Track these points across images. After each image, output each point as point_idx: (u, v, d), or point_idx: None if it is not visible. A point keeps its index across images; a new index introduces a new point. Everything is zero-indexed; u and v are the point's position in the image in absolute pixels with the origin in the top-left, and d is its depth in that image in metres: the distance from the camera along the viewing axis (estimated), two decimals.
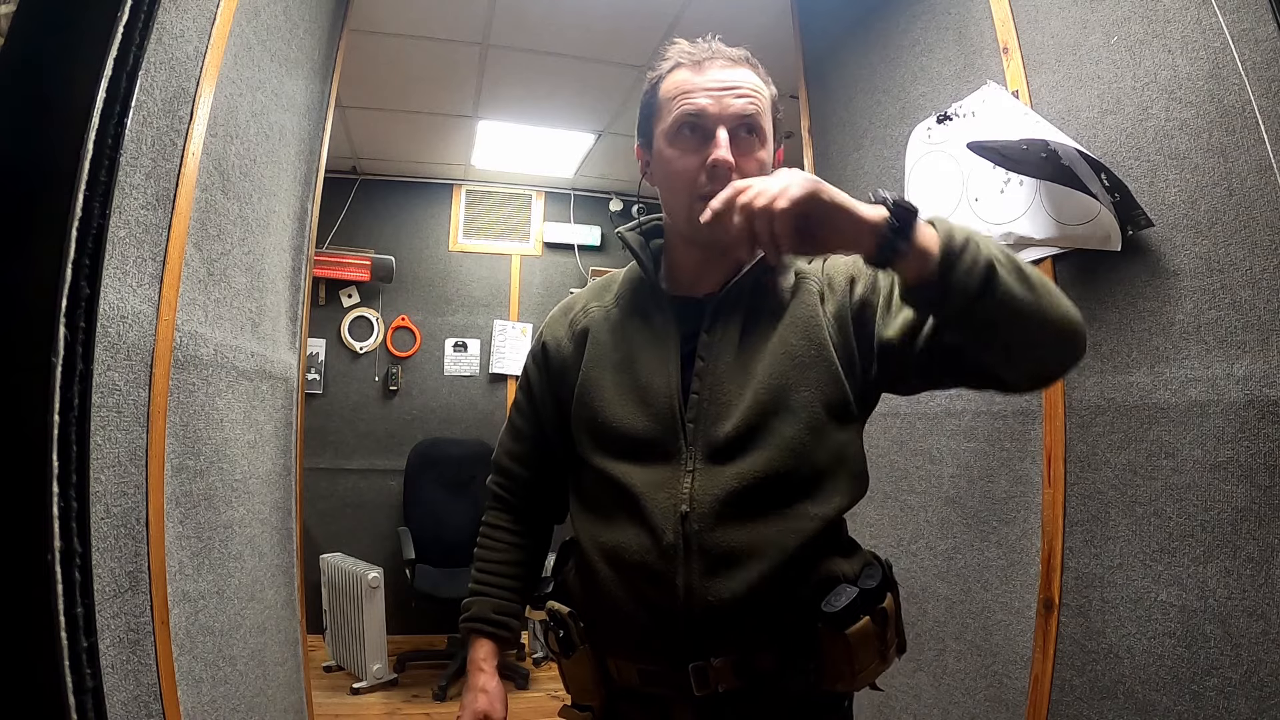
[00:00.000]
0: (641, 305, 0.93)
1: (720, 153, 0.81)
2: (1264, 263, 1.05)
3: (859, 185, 1.98)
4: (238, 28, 1.28)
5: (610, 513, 0.87)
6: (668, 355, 0.88)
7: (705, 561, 0.80)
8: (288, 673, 1.67)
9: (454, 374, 3.97)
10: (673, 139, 0.86)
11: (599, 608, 0.87)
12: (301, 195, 1.86)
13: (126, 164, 0.90)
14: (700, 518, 0.80)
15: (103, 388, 0.88)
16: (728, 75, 0.85)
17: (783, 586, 0.80)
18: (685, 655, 0.81)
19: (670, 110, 0.86)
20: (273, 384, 1.62)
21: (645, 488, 0.84)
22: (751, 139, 0.84)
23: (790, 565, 0.80)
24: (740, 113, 0.83)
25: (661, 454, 0.84)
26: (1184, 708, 1.10)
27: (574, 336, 0.97)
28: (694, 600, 0.80)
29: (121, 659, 0.91)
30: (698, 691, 0.81)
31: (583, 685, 0.91)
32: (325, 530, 3.63)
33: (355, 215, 3.91)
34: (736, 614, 0.80)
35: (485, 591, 0.99)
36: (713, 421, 0.83)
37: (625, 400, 0.88)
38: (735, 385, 0.84)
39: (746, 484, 0.81)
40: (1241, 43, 1.07)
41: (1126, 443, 1.23)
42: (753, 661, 0.81)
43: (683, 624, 0.81)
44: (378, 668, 3.02)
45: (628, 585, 0.84)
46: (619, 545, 0.84)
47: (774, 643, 0.82)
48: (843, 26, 2.08)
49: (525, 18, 2.51)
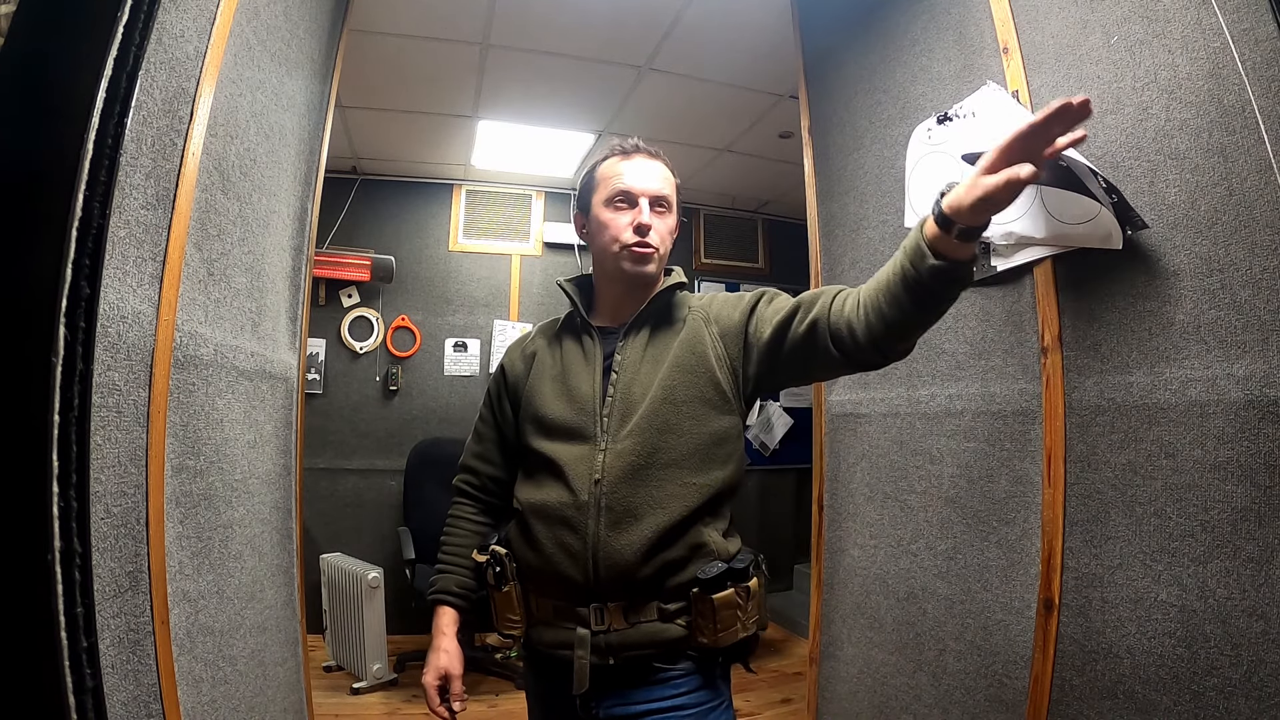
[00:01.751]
0: (575, 334, 1.23)
1: (644, 217, 1.15)
2: (1264, 263, 1.05)
3: (859, 185, 1.98)
4: (238, 28, 1.28)
5: (542, 480, 1.13)
6: (593, 368, 1.16)
7: (609, 516, 1.05)
8: (288, 673, 1.67)
9: (454, 374, 3.97)
10: (608, 205, 1.17)
11: (528, 552, 1.12)
12: (301, 195, 1.86)
13: (126, 164, 0.90)
14: (608, 483, 1.06)
15: (103, 388, 0.88)
16: (648, 164, 1.18)
17: (666, 544, 1.05)
18: (587, 596, 1.06)
19: (607, 186, 1.18)
20: (273, 384, 1.62)
21: (569, 461, 1.10)
22: (663, 209, 1.18)
23: (675, 526, 1.05)
24: (657, 191, 1.17)
25: (582, 437, 1.11)
26: (1184, 708, 1.10)
27: (525, 359, 1.27)
28: (599, 546, 1.05)
29: (121, 659, 0.91)
30: (594, 626, 1.05)
31: (508, 615, 1.15)
32: (325, 530, 3.63)
33: (355, 215, 3.91)
34: (630, 565, 1.03)
35: (448, 569, 1.23)
36: (621, 415, 1.11)
37: (559, 399, 1.16)
38: (640, 388, 1.12)
39: (641, 458, 1.07)
40: (1241, 43, 1.07)
41: (1126, 443, 1.23)
42: (639, 609, 1.06)
43: (589, 566, 1.05)
44: (378, 668, 3.02)
45: (550, 533, 1.09)
46: (546, 502, 1.10)
47: (655, 595, 1.06)
48: (843, 26, 2.08)
49: (525, 18, 2.51)
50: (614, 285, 1.21)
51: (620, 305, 1.21)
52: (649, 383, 1.11)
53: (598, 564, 1.04)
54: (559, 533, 1.08)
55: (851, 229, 2.02)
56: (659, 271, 1.20)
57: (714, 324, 1.16)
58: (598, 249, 1.21)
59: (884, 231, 1.87)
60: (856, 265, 1.97)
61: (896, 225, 1.81)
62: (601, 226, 1.18)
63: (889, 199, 1.85)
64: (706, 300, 1.22)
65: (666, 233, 1.18)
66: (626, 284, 1.18)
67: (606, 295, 1.24)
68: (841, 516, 2.00)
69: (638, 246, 1.14)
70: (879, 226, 1.89)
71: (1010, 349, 1.49)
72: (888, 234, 1.86)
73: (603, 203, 1.18)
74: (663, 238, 1.17)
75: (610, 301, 1.23)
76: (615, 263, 1.17)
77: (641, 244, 1.14)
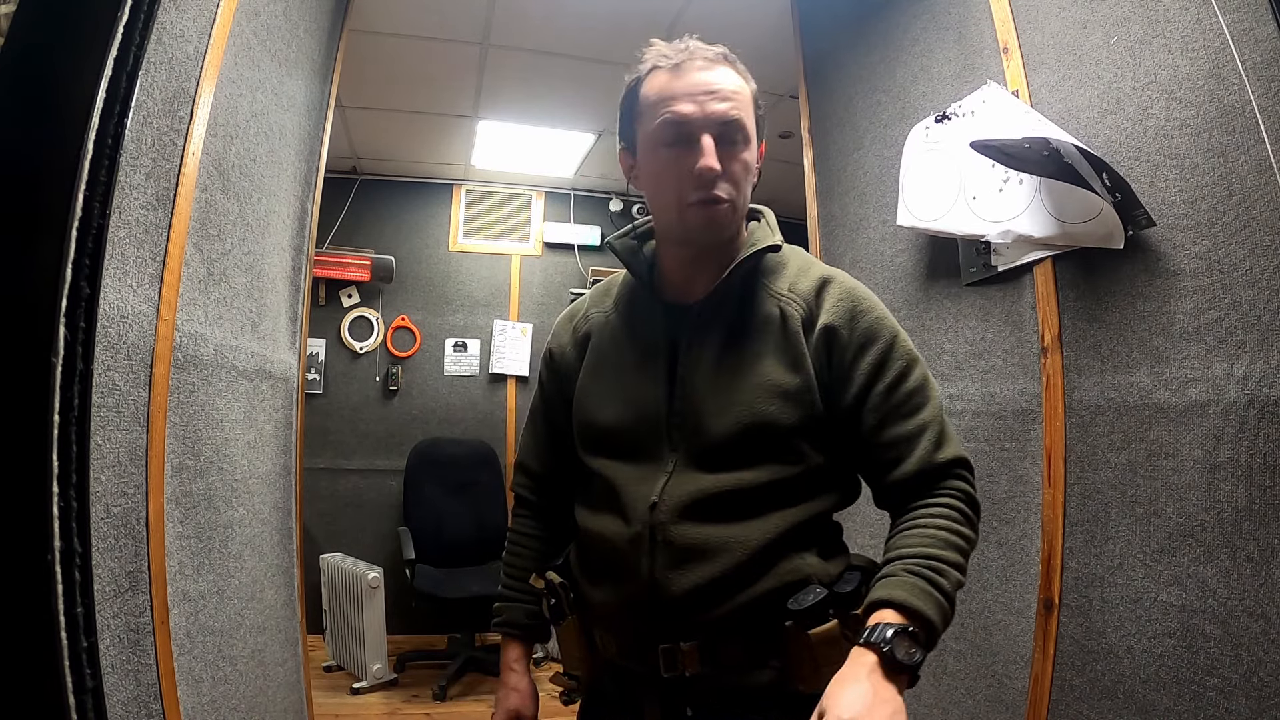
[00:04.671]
0: (637, 311, 0.97)
1: (707, 160, 0.82)
2: (1264, 263, 1.05)
3: (859, 185, 1.98)
4: (238, 28, 1.27)
5: (596, 502, 0.93)
6: (657, 363, 0.91)
7: (667, 553, 0.84)
8: (288, 673, 1.67)
9: (454, 374, 3.97)
10: (657, 146, 0.86)
11: (587, 585, 0.93)
12: (301, 195, 1.86)
13: (126, 164, 0.90)
14: (666, 511, 0.84)
15: (103, 388, 0.88)
16: (707, 78, 0.84)
17: (745, 581, 0.83)
18: (655, 636, 0.85)
19: (653, 117, 0.86)
20: (273, 384, 1.62)
21: (624, 482, 0.89)
22: (735, 141, 0.85)
23: (753, 561, 0.83)
24: (723, 117, 0.83)
25: (644, 454, 0.89)
26: (1184, 708, 1.10)
27: (576, 342, 1.01)
28: (658, 588, 0.84)
29: (121, 659, 0.91)
30: (665, 673, 0.84)
31: (571, 653, 0.97)
32: (325, 530, 3.63)
33: (355, 215, 3.91)
34: (699, 604, 0.83)
35: (515, 596, 1.03)
36: (695, 431, 0.87)
37: (615, 403, 0.92)
38: (715, 402, 0.86)
39: (721, 490, 0.84)
40: (1241, 43, 1.07)
41: (1126, 443, 1.23)
42: (719, 649, 0.84)
43: (648, 609, 0.85)
44: (378, 668, 3.01)
45: (606, 567, 0.90)
46: (601, 531, 0.90)
47: (739, 633, 0.84)
48: (843, 26, 2.08)
49: (525, 18, 2.51)
50: (679, 249, 0.92)
51: (690, 274, 0.92)
52: (731, 396, 0.86)
53: (659, 605, 0.84)
54: (614, 568, 0.89)
55: (851, 229, 2.02)
56: (738, 224, 0.91)
57: (819, 333, 0.88)
58: (653, 202, 0.92)
59: (884, 231, 1.87)
60: (857, 265, 1.97)
61: (897, 225, 1.80)
62: (654, 174, 0.89)
63: (889, 199, 1.85)
64: (813, 283, 0.90)
65: (742, 172, 0.86)
66: (695, 247, 0.91)
67: (671, 260, 0.94)
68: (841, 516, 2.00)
69: (703, 202, 0.84)
70: (879, 226, 1.89)
71: (1010, 349, 1.49)
72: (888, 234, 1.86)
73: (650, 138, 0.87)
74: (737, 181, 0.85)
75: (676, 268, 0.94)
76: (677, 223, 0.88)
77: (708, 199, 0.84)
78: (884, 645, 0.69)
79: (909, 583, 0.75)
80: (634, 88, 0.90)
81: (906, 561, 0.78)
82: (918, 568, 0.77)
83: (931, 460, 0.84)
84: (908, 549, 0.79)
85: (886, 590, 0.75)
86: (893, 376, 0.86)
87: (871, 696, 0.66)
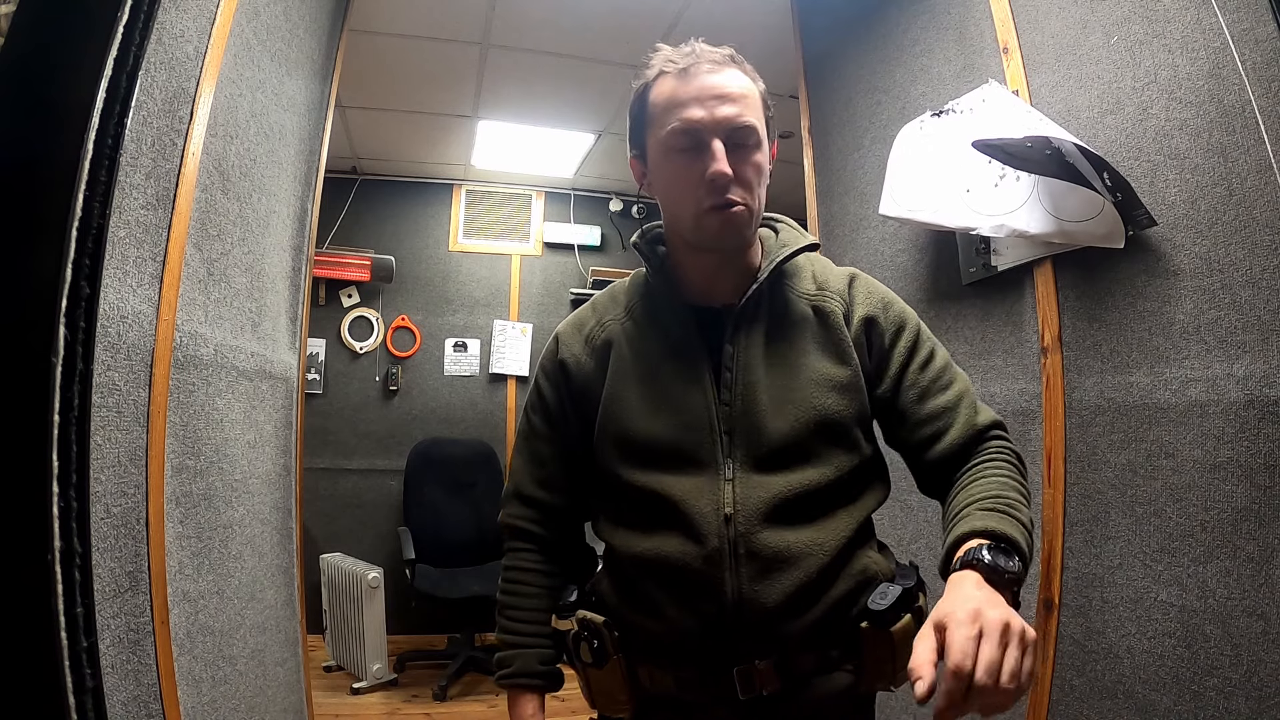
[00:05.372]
0: (658, 315, 0.93)
1: (718, 165, 0.81)
2: (1264, 263, 1.05)
3: (859, 185, 1.98)
4: (238, 28, 1.27)
5: (646, 523, 0.86)
6: (698, 366, 0.87)
7: (754, 565, 0.81)
8: (288, 673, 1.67)
9: (454, 374, 3.97)
10: (668, 153, 0.85)
11: (639, 617, 0.87)
12: (301, 195, 1.86)
13: (126, 164, 0.90)
14: (745, 521, 0.81)
15: (103, 388, 0.88)
16: (715, 81, 0.83)
17: (826, 584, 0.83)
18: (729, 659, 0.82)
19: (662, 124, 0.85)
20: (273, 384, 1.62)
21: (685, 495, 0.84)
22: (746, 144, 0.84)
23: (832, 564, 0.83)
24: (732, 122, 0.82)
25: (696, 463, 0.85)
26: (1184, 708, 1.10)
27: (594, 352, 0.94)
28: (744, 604, 0.80)
29: (121, 659, 0.91)
30: (743, 695, 0.81)
31: (613, 695, 0.89)
32: (325, 530, 3.63)
33: (355, 215, 3.91)
34: (788, 614, 0.81)
35: (525, 644, 0.94)
36: (752, 434, 0.84)
37: (654, 412, 0.87)
38: (771, 401, 0.85)
39: (795, 492, 0.83)
40: (1241, 43, 1.07)
41: (1126, 443, 1.23)
42: (794, 662, 0.82)
43: (731, 628, 0.81)
44: (378, 668, 3.01)
45: (670, 592, 0.83)
46: (660, 554, 0.84)
47: (815, 642, 0.83)
48: (843, 26, 2.08)
49: (525, 18, 2.51)
50: (700, 255, 0.90)
51: (715, 279, 0.91)
52: (785, 395, 0.85)
53: (743, 622, 0.81)
54: (683, 592, 0.83)
55: (851, 229, 2.02)
56: (756, 226, 0.90)
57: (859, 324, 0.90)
58: (667, 210, 0.91)
59: (884, 231, 1.87)
60: (856, 265, 1.95)
61: (897, 225, 1.80)
62: (666, 182, 0.88)
63: None
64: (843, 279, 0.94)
65: (754, 175, 0.85)
66: (717, 253, 0.89)
67: (691, 265, 0.92)
68: None
69: (717, 208, 0.83)
70: (879, 226, 1.89)
71: (1010, 349, 1.49)
72: (888, 234, 1.86)
73: (661, 146, 0.86)
74: (750, 184, 0.85)
75: (698, 273, 0.92)
76: (694, 229, 0.86)
77: (722, 204, 0.82)
78: (981, 560, 0.67)
79: (985, 513, 0.74)
80: (642, 95, 0.89)
81: (977, 503, 0.76)
82: (989, 505, 0.75)
83: (974, 425, 0.87)
84: (971, 496, 0.78)
85: (967, 524, 0.73)
86: (925, 355, 0.90)
87: (987, 595, 0.63)
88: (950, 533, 0.75)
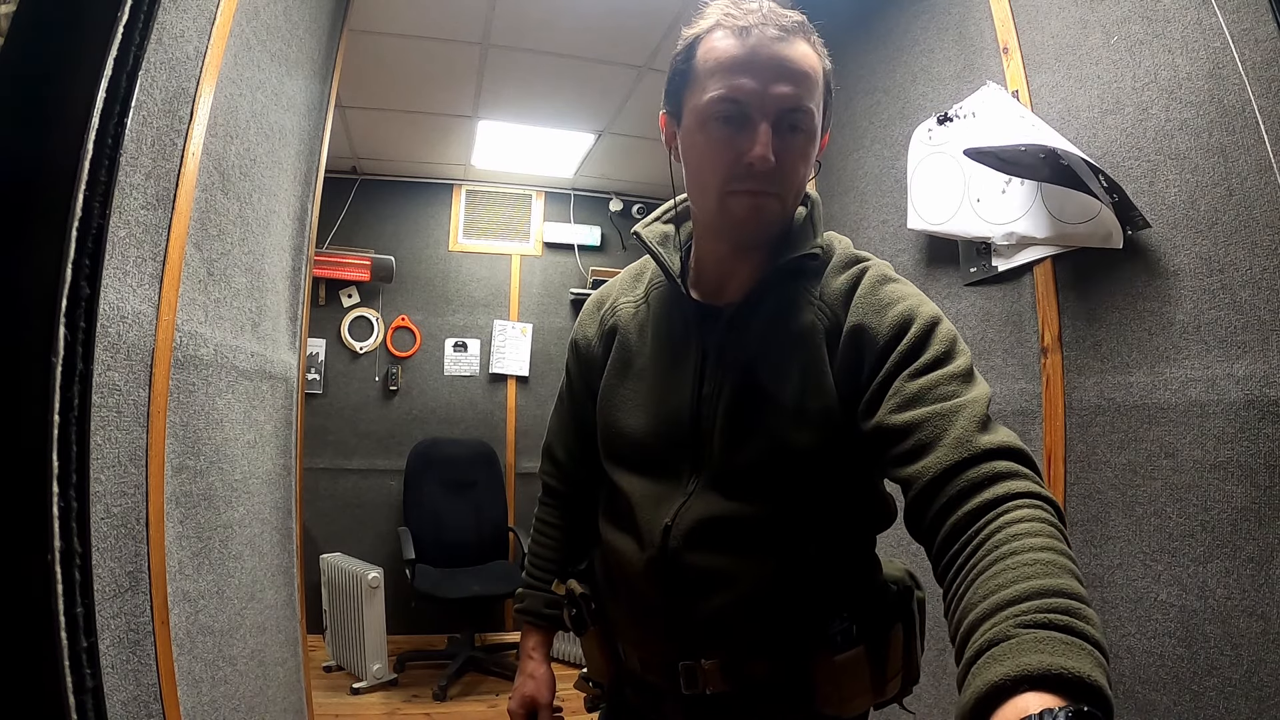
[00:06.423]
0: (669, 307, 0.87)
1: (760, 149, 0.71)
2: (1264, 263, 1.05)
3: (859, 185, 1.98)
4: (238, 28, 1.27)
5: (613, 515, 0.89)
6: (686, 372, 0.82)
7: (684, 580, 0.79)
8: (288, 673, 1.67)
9: (454, 374, 3.97)
10: (707, 121, 0.74)
11: (608, 598, 0.91)
12: (301, 195, 1.86)
13: (126, 164, 0.90)
14: (676, 537, 0.78)
15: (103, 388, 0.88)
16: (778, 50, 0.72)
17: (770, 605, 0.78)
18: (675, 654, 0.82)
19: (707, 87, 0.73)
20: (273, 384, 1.62)
21: (642, 500, 0.83)
22: (797, 130, 0.73)
23: (777, 589, 0.78)
24: (788, 105, 0.72)
25: (664, 471, 0.82)
26: (1184, 708, 1.10)
27: (603, 335, 0.93)
28: (675, 612, 0.80)
29: (121, 659, 0.91)
30: (686, 690, 0.81)
31: (595, 662, 0.95)
32: (325, 530, 3.63)
33: (355, 215, 3.91)
34: (718, 630, 0.79)
35: (535, 586, 1.02)
36: (720, 451, 0.78)
37: (639, 411, 0.85)
38: (738, 425, 0.78)
39: (733, 517, 0.77)
40: (1241, 43, 1.07)
41: (1126, 443, 1.23)
42: (743, 666, 0.79)
43: (664, 630, 0.82)
44: (378, 668, 3.01)
45: (625, 585, 0.87)
46: (618, 549, 0.86)
47: (765, 652, 0.80)
48: (843, 26, 2.08)
49: (525, 18, 2.51)
50: (715, 242, 0.82)
51: (726, 271, 0.82)
52: (758, 418, 0.77)
53: (675, 627, 0.81)
54: (631, 590, 0.85)
55: (851, 229, 2.02)
56: (786, 220, 0.79)
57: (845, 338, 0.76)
58: (691, 182, 0.80)
59: (884, 231, 1.87)
60: None
61: (897, 225, 1.80)
62: (699, 152, 0.76)
63: (889, 199, 1.85)
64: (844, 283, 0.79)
65: (799, 167, 0.74)
66: (732, 243, 0.80)
67: (705, 253, 0.84)
68: None
69: (743, 192, 0.73)
70: (879, 226, 1.89)
71: (1010, 349, 1.49)
72: (888, 234, 1.86)
73: (700, 112, 0.74)
74: (791, 176, 0.74)
75: (710, 262, 0.84)
76: (716, 211, 0.77)
77: (753, 190, 0.73)
78: None
79: (1040, 634, 0.45)
80: (690, 47, 0.77)
81: (1019, 605, 0.48)
82: (1042, 612, 0.47)
83: (969, 444, 0.64)
84: (1001, 586, 0.51)
85: (1013, 660, 0.44)
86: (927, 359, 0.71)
87: None
88: (978, 667, 0.46)
